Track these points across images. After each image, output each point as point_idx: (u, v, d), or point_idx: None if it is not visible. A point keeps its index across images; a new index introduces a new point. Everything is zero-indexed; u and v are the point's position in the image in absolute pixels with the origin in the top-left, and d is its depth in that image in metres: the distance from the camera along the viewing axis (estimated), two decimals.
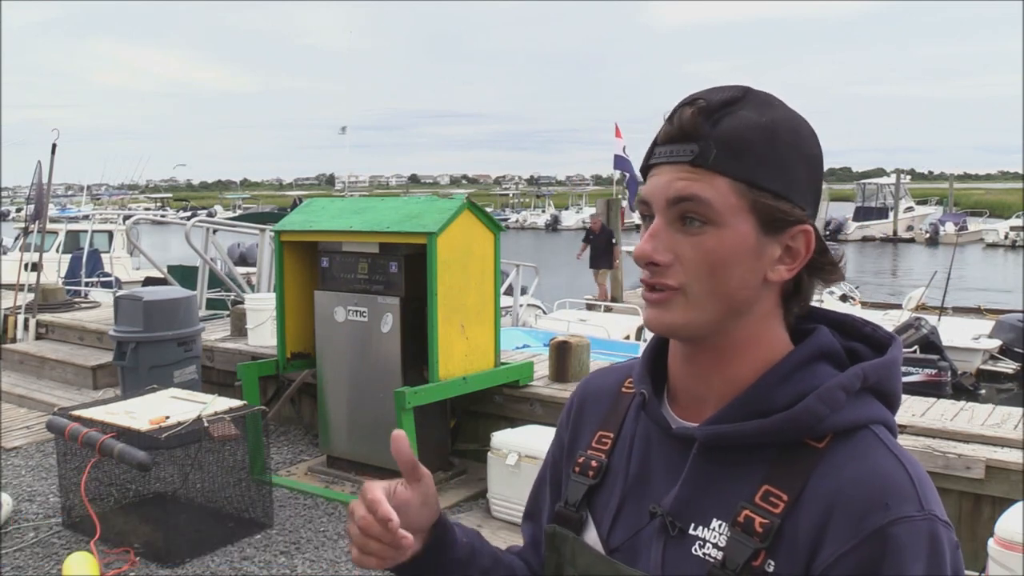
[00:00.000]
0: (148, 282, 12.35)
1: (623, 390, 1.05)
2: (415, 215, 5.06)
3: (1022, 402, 9.21)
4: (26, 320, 8.31)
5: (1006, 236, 38.52)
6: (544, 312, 12.53)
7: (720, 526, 0.86)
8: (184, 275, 10.02)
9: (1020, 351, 12.11)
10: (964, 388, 11.23)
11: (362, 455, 5.34)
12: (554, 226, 52.68)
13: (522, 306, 11.94)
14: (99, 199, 35.49)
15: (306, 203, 5.96)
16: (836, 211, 43.29)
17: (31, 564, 4.21)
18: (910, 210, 43.41)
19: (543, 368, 5.77)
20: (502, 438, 4.82)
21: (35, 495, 5.14)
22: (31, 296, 8.67)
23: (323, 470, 5.49)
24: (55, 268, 13.42)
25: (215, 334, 7.23)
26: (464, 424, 5.76)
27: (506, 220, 44.89)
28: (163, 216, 27.32)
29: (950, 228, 39.92)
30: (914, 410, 4.78)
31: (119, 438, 4.16)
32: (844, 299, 14.39)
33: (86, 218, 18.63)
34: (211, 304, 9.50)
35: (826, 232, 36.54)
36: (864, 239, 40.37)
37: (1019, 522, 3.17)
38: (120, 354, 5.90)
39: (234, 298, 9.27)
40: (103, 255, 15.27)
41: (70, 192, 48.08)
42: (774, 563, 0.82)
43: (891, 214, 41.63)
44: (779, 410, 0.85)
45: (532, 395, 5.44)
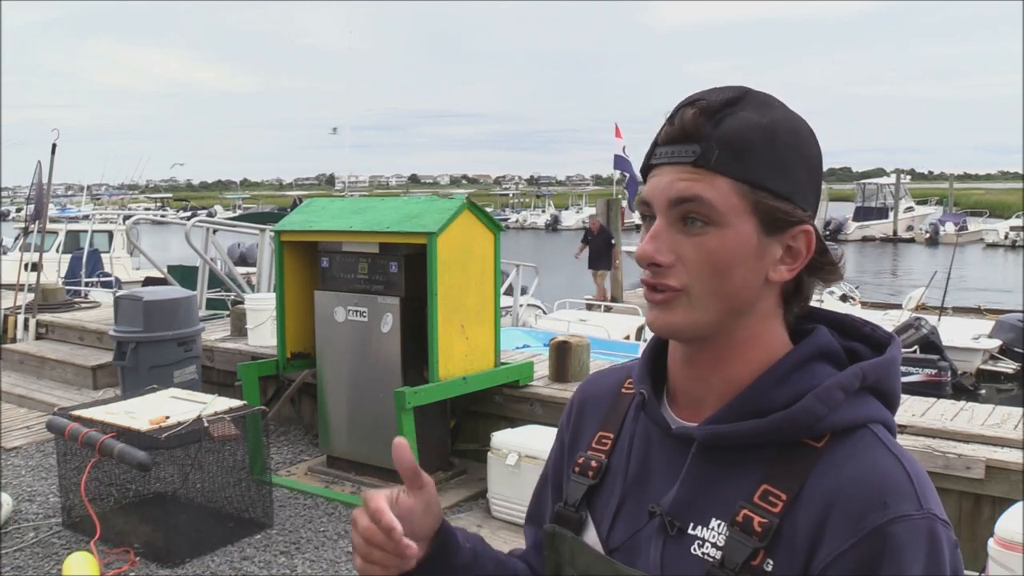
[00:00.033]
0: (148, 282, 12.35)
1: (623, 391, 1.05)
2: (415, 215, 5.06)
3: (1022, 402, 9.20)
4: (26, 320, 8.31)
5: (1006, 236, 38.51)
6: (544, 312, 12.53)
7: (719, 525, 0.86)
8: (184, 275, 10.02)
9: (1020, 351, 12.11)
10: (964, 388, 11.23)
11: (362, 455, 5.34)
12: (554, 226, 52.66)
13: (522, 306, 11.94)
14: (99, 199, 35.48)
15: (306, 203, 5.96)
16: (836, 211, 43.26)
17: (31, 564, 4.21)
18: (910, 210, 43.40)
19: (543, 368, 5.77)
20: (502, 438, 4.82)
21: (35, 495, 5.14)
22: (31, 296, 8.67)
23: (323, 470, 5.49)
24: (55, 268, 13.42)
25: (215, 334, 7.23)
26: (464, 424, 5.76)
27: (506, 220, 44.88)
28: (163, 216, 27.32)
29: (950, 228, 39.90)
30: (914, 410, 4.78)
31: (119, 438, 4.16)
32: (844, 299, 14.39)
33: (86, 218, 18.63)
34: (211, 304, 9.49)
35: (826, 232, 36.52)
36: (864, 239, 40.35)
37: (1019, 522, 3.16)
38: (120, 354, 5.90)
39: (234, 298, 9.27)
40: (103, 255, 15.27)
41: (70, 192, 48.06)
42: (773, 562, 0.82)
43: (891, 214, 41.61)
44: (778, 410, 0.86)
45: (532, 395, 5.44)
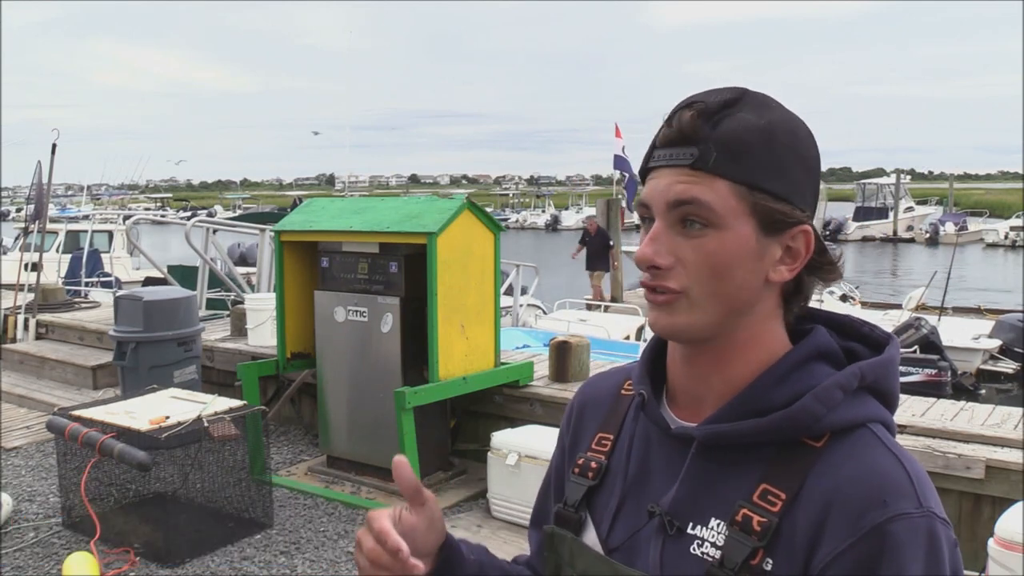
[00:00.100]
0: (148, 282, 12.35)
1: (622, 392, 1.05)
2: (415, 215, 5.06)
3: (1022, 402, 9.20)
4: (26, 320, 8.31)
5: (1006, 236, 38.51)
6: (544, 312, 12.53)
7: (718, 525, 0.86)
8: (184, 275, 10.02)
9: (1020, 351, 12.11)
10: (964, 388, 11.23)
11: (362, 455, 5.34)
12: (554, 226, 52.67)
13: (522, 306, 11.94)
14: (99, 199, 35.50)
15: (306, 203, 5.96)
16: (836, 211, 43.26)
17: (31, 564, 4.21)
18: (910, 210, 43.40)
19: (543, 368, 5.77)
20: (502, 438, 4.82)
21: (35, 495, 5.14)
22: (31, 296, 8.67)
23: (323, 470, 5.49)
24: (55, 268, 13.42)
25: (215, 334, 7.23)
26: (464, 424, 5.76)
27: (506, 220, 44.89)
28: (163, 216, 27.32)
29: (950, 228, 39.91)
30: (914, 410, 4.78)
31: (119, 438, 4.16)
32: (844, 299, 14.39)
33: (86, 218, 18.62)
34: (211, 304, 9.49)
35: (826, 232, 36.53)
36: (864, 239, 40.36)
37: (1019, 522, 3.16)
38: (120, 354, 5.90)
39: (234, 298, 9.27)
40: (103, 255, 15.27)
41: (70, 192, 48.06)
42: (772, 561, 0.82)
43: (891, 214, 41.62)
44: (777, 409, 0.86)
45: (532, 395, 5.44)
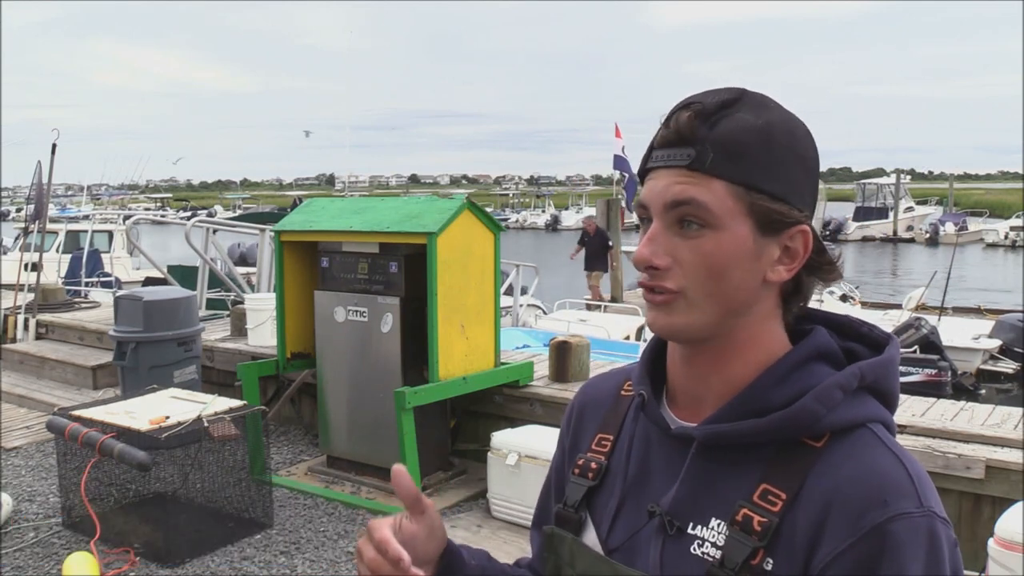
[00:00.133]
0: (148, 282, 12.35)
1: (622, 393, 1.05)
2: (415, 215, 5.06)
3: (1022, 402, 9.20)
4: (26, 320, 8.31)
5: (1006, 236, 38.51)
6: (544, 312, 12.52)
7: (719, 525, 0.86)
8: (184, 275, 10.02)
9: (1020, 351, 12.11)
10: (964, 388, 11.23)
11: (362, 455, 5.34)
12: (554, 226, 52.65)
13: (522, 306, 11.94)
14: (99, 199, 35.51)
15: (306, 203, 5.96)
16: (836, 211, 43.25)
17: (31, 564, 4.21)
18: (910, 210, 43.40)
19: (543, 368, 5.77)
20: (502, 438, 4.82)
21: (35, 495, 5.14)
22: (31, 296, 8.67)
23: (323, 470, 5.49)
24: (55, 268, 13.42)
25: (215, 334, 7.23)
26: (464, 424, 5.76)
27: (506, 220, 44.88)
28: (163, 216, 27.33)
29: (950, 228, 39.90)
30: (914, 410, 4.78)
31: (119, 438, 4.16)
32: (844, 299, 14.39)
33: (86, 218, 18.63)
34: (211, 304, 9.49)
35: (826, 232, 36.53)
36: (864, 239, 40.36)
37: (1019, 522, 3.17)
38: (120, 354, 5.90)
39: (234, 298, 9.27)
40: (103, 255, 15.27)
41: (70, 192, 48.07)
42: (773, 561, 0.82)
43: (891, 214, 41.62)
44: (777, 410, 0.86)
45: (532, 395, 5.44)
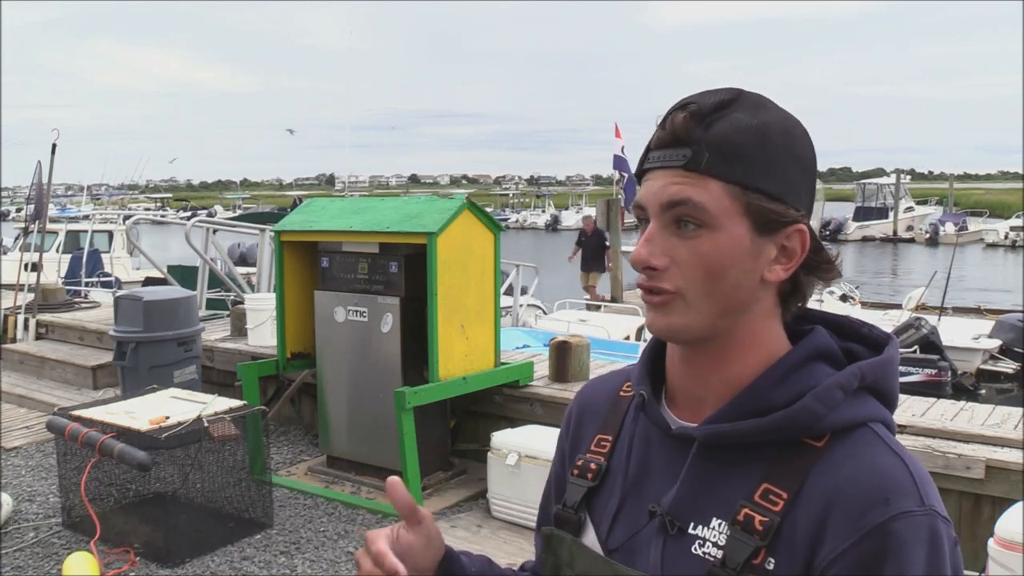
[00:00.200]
0: (148, 282, 12.35)
1: (621, 394, 1.05)
2: (415, 215, 5.06)
3: (1022, 402, 9.20)
4: (26, 320, 8.31)
5: (1006, 236, 38.51)
6: (544, 312, 12.52)
7: (720, 525, 0.86)
8: (184, 275, 10.02)
9: (1020, 351, 12.10)
10: (964, 388, 11.23)
11: (362, 455, 5.34)
12: (554, 226, 52.63)
13: (522, 306, 11.93)
14: (99, 199, 35.50)
15: (306, 203, 5.96)
16: (836, 211, 43.25)
17: (31, 564, 4.21)
18: (910, 210, 43.39)
19: (543, 368, 5.77)
20: (502, 438, 4.82)
21: (35, 495, 5.14)
22: (31, 296, 8.67)
23: (323, 470, 5.49)
24: (55, 268, 13.42)
25: (215, 334, 7.23)
26: (464, 424, 5.76)
27: (506, 220, 44.88)
28: (163, 216, 27.33)
29: (950, 228, 39.90)
30: (914, 410, 4.78)
31: (119, 438, 4.16)
32: (844, 299, 14.39)
33: (86, 218, 18.62)
34: (211, 304, 9.49)
35: (826, 232, 36.54)
36: (864, 239, 40.36)
37: (1019, 522, 3.17)
38: (120, 354, 5.90)
39: (234, 298, 9.27)
40: (103, 255, 15.26)
41: (70, 192, 48.05)
42: (774, 561, 0.82)
43: (891, 214, 41.61)
44: (777, 409, 0.86)
45: (532, 395, 5.44)
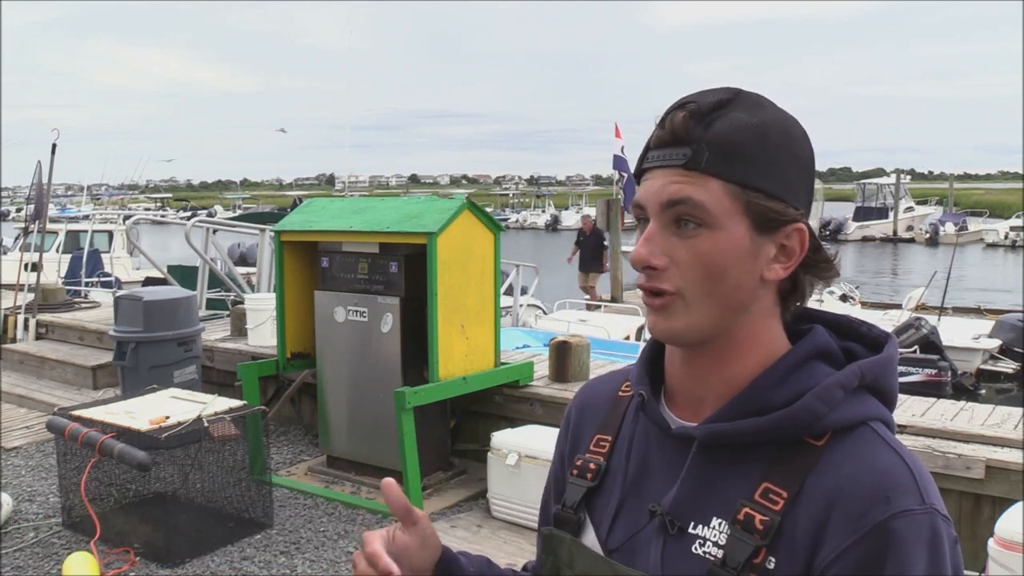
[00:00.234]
0: (148, 282, 12.35)
1: (619, 394, 1.05)
2: (415, 215, 5.06)
3: (1022, 402, 9.20)
4: (26, 320, 8.31)
5: (1006, 236, 38.50)
6: (544, 312, 12.51)
7: (720, 524, 0.86)
8: (184, 275, 10.02)
9: (1020, 351, 12.10)
10: (964, 388, 11.23)
11: (362, 455, 5.34)
12: (554, 226, 52.62)
13: (522, 306, 11.93)
14: (99, 199, 35.49)
15: (306, 203, 5.96)
16: (836, 211, 43.24)
17: (31, 564, 4.21)
18: (910, 210, 43.38)
19: (543, 368, 5.77)
20: (502, 438, 4.82)
21: (35, 495, 5.14)
22: (31, 296, 8.67)
23: (323, 470, 5.49)
24: (55, 268, 13.42)
25: (215, 334, 7.23)
26: (464, 424, 5.76)
27: (506, 220, 44.88)
28: (163, 216, 27.33)
29: (950, 228, 39.89)
30: (914, 410, 4.78)
31: (119, 438, 4.16)
32: (844, 299, 14.39)
33: (86, 218, 18.62)
34: (211, 304, 9.49)
35: (826, 232, 36.54)
36: (864, 239, 40.35)
37: (1019, 522, 3.17)
38: (120, 354, 5.90)
39: (234, 298, 9.27)
40: (103, 255, 15.26)
41: (70, 192, 48.03)
42: (775, 560, 0.82)
43: (891, 214, 41.60)
44: (777, 409, 0.86)
45: (532, 395, 5.44)
